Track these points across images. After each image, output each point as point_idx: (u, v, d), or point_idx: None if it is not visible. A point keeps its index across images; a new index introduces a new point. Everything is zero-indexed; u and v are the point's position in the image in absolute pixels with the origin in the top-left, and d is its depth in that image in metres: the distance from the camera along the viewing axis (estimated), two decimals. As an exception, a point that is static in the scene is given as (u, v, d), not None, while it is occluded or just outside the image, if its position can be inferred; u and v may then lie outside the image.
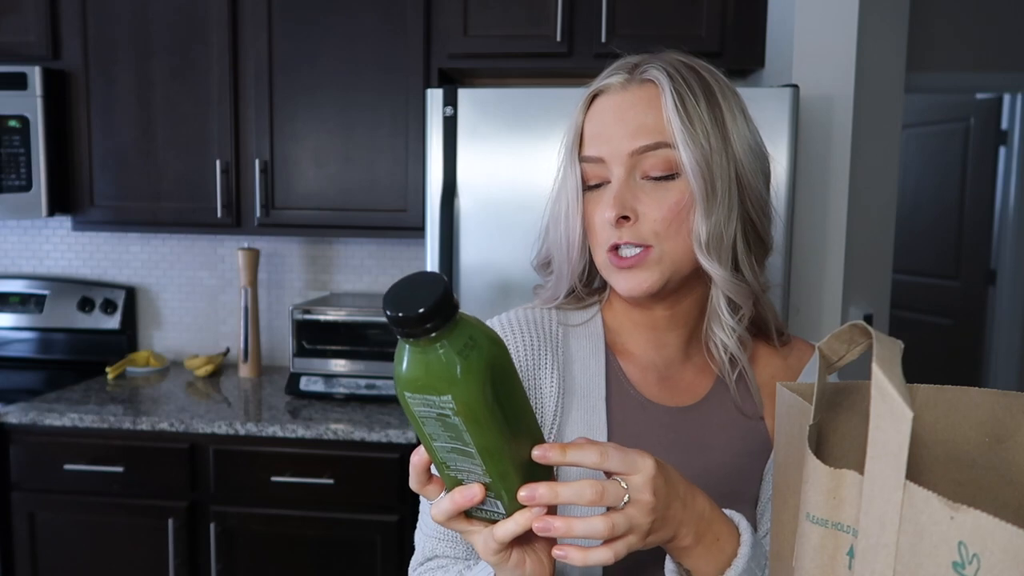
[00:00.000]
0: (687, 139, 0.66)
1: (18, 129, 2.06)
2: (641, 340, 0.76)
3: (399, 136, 2.04)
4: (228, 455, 1.86)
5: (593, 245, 0.73)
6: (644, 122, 0.68)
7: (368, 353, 2.06)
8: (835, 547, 0.42)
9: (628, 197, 0.68)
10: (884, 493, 0.38)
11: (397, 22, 2.01)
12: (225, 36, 2.06)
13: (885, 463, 0.38)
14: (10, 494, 1.93)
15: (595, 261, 0.74)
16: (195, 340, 2.49)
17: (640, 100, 0.69)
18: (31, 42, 2.11)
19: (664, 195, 0.68)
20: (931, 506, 0.36)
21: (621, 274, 0.70)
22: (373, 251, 2.42)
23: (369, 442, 1.82)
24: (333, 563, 1.87)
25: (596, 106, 0.72)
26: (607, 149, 0.69)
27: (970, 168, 3.56)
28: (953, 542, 0.35)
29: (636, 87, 0.70)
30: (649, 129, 0.68)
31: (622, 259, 0.69)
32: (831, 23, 1.69)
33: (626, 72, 0.71)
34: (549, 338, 0.76)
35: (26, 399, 2.00)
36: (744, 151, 0.70)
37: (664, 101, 0.68)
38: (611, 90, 0.71)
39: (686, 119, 0.67)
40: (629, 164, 0.68)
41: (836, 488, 0.42)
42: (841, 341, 0.49)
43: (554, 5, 1.93)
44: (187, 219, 2.14)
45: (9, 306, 2.44)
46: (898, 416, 0.37)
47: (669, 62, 0.71)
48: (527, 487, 0.51)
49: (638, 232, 0.68)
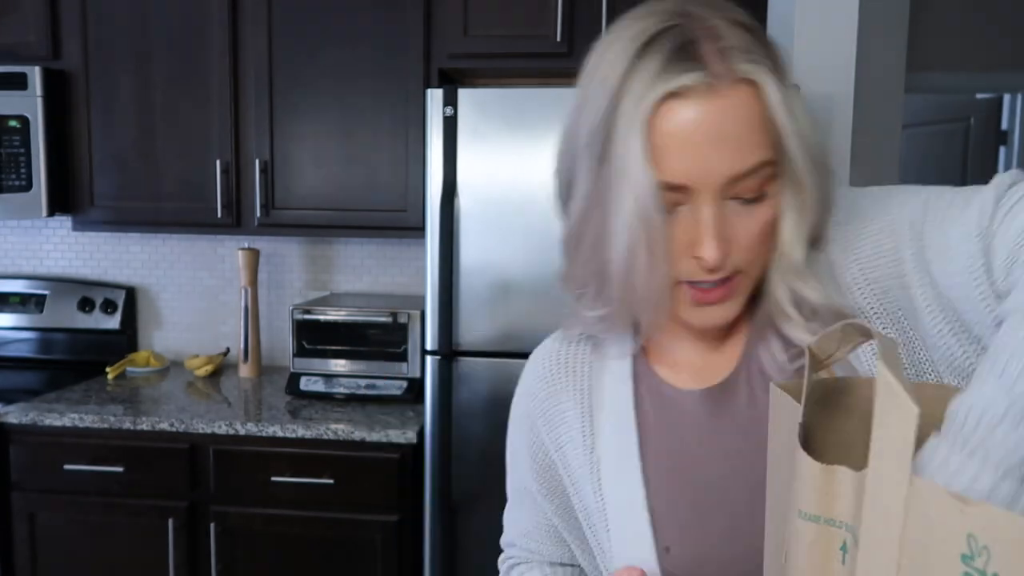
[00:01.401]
0: (801, 154, 0.57)
1: (18, 129, 2.06)
2: (667, 338, 0.71)
3: (399, 136, 2.04)
4: (228, 455, 1.86)
5: (653, 274, 0.61)
6: (744, 138, 0.55)
7: (368, 353, 2.06)
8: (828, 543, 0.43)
9: (726, 229, 0.57)
10: (890, 488, 0.38)
11: (397, 22, 2.01)
12: (225, 36, 2.06)
13: (891, 458, 0.38)
14: (10, 494, 1.93)
15: (644, 289, 0.62)
16: (195, 340, 2.49)
17: (738, 108, 0.55)
18: (31, 42, 2.11)
19: (753, 217, 0.58)
20: (940, 499, 0.36)
21: (701, 310, 0.61)
22: (373, 251, 2.42)
23: (369, 442, 1.82)
24: (333, 563, 1.87)
25: (669, 115, 0.55)
26: (697, 175, 0.55)
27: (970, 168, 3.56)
28: (962, 534, 0.35)
29: (728, 90, 0.55)
30: (752, 145, 0.55)
31: (707, 292, 0.60)
32: (831, 23, 1.69)
33: (701, 65, 0.54)
34: (569, 361, 0.74)
35: (26, 399, 2.00)
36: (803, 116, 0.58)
37: (771, 104, 0.55)
38: (692, 94, 0.55)
39: (792, 120, 0.56)
40: (723, 190, 0.56)
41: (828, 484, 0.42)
42: (832, 340, 0.49)
43: (554, 5, 1.93)
44: (187, 219, 2.14)
45: (9, 306, 2.44)
46: (904, 412, 0.37)
47: (740, 37, 0.56)
48: None
49: (732, 263, 0.59)
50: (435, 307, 1.75)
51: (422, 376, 1.89)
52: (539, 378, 0.76)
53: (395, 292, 2.42)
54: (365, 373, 2.06)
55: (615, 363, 0.72)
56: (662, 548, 0.66)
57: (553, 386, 0.74)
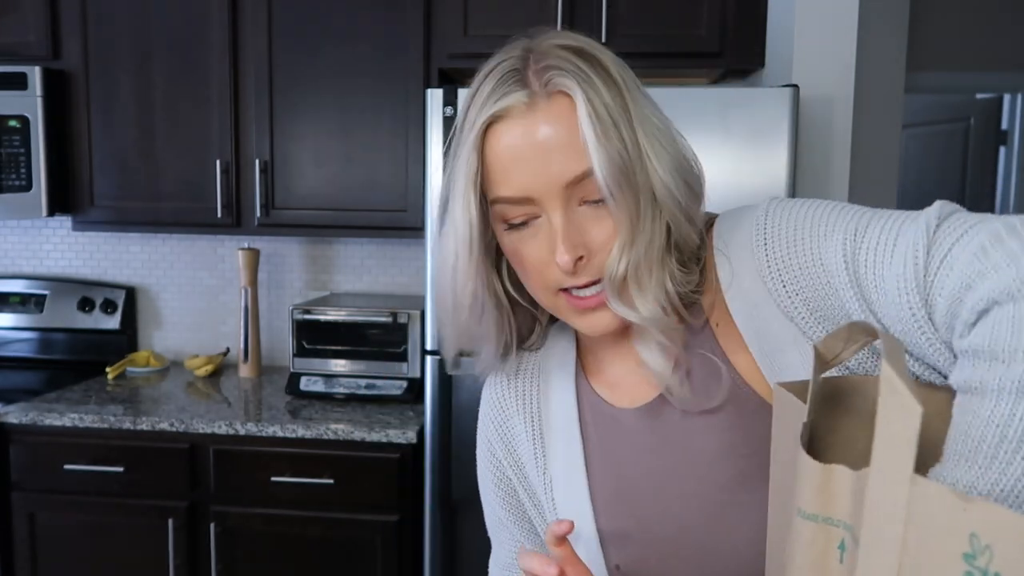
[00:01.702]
0: (604, 161, 0.57)
1: (18, 129, 2.06)
2: (607, 354, 0.72)
3: (399, 136, 2.04)
4: (228, 455, 1.86)
5: (533, 288, 0.65)
6: (569, 144, 0.58)
7: (368, 353, 2.06)
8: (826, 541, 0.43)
9: (576, 234, 0.59)
10: (892, 487, 0.38)
11: (397, 22, 2.01)
12: (225, 36, 2.06)
13: (894, 457, 0.38)
14: (10, 494, 1.93)
15: (540, 302, 0.66)
16: (195, 340, 2.49)
17: (557, 118, 0.58)
18: (31, 42, 2.11)
19: (601, 220, 0.60)
20: (943, 498, 0.36)
21: (584, 316, 0.63)
22: (373, 251, 2.42)
23: (369, 442, 1.82)
24: (333, 563, 1.87)
25: (498, 134, 0.60)
26: (534, 185, 0.59)
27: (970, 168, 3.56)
28: (965, 533, 0.35)
29: (544, 103, 0.59)
30: (577, 154, 0.58)
31: (581, 300, 0.62)
32: (831, 23, 1.69)
33: (522, 86, 0.59)
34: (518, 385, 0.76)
35: (26, 399, 2.00)
36: (653, 145, 0.60)
37: (579, 118, 0.58)
38: (514, 112, 0.59)
39: (601, 132, 0.57)
40: (565, 196, 0.59)
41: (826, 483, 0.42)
42: (838, 339, 0.49)
43: (554, 5, 1.93)
44: (187, 219, 2.14)
45: (9, 306, 2.44)
46: (908, 411, 0.37)
47: (562, 57, 0.59)
48: None
49: (596, 267, 0.60)
50: (435, 307, 1.75)
51: (422, 376, 1.89)
52: (492, 404, 0.78)
53: (395, 292, 2.42)
54: (365, 373, 2.06)
55: (559, 384, 0.73)
56: (613, 566, 0.68)
57: (505, 411, 0.77)
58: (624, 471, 0.69)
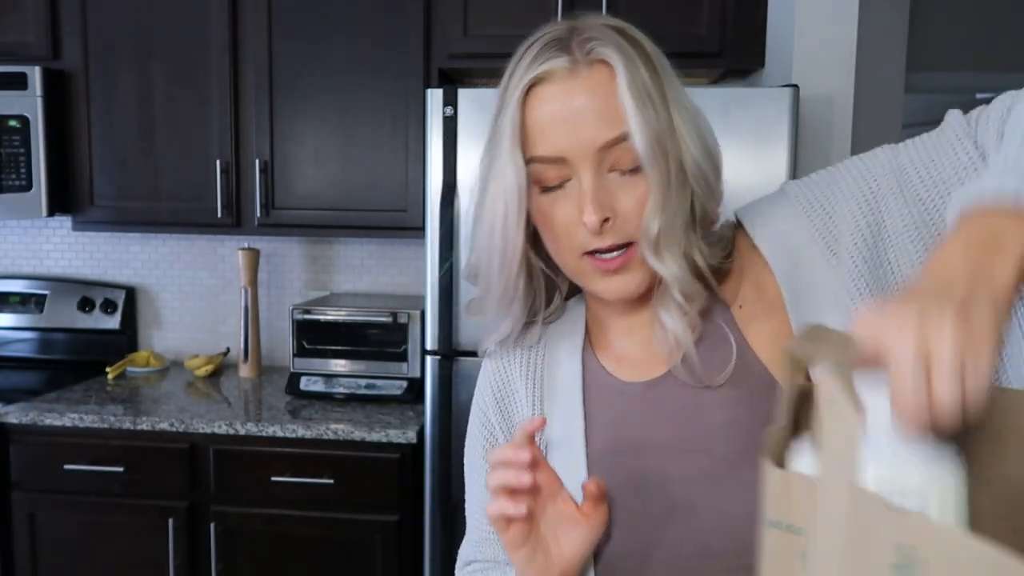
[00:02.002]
0: (643, 127, 0.61)
1: (18, 129, 2.06)
2: (616, 328, 0.73)
3: (399, 136, 2.04)
4: (228, 455, 1.86)
5: (559, 251, 0.67)
6: (606, 109, 0.61)
7: (368, 353, 2.06)
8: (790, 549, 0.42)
9: (604, 196, 0.62)
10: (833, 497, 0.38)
11: (397, 22, 2.01)
12: (225, 36, 2.06)
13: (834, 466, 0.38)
14: (10, 494, 1.93)
15: (564, 268, 0.69)
16: (195, 340, 2.49)
17: (595, 85, 0.62)
18: (31, 42, 2.11)
19: (633, 189, 0.63)
20: (877, 510, 0.36)
21: (607, 279, 0.65)
22: (373, 251, 2.42)
23: (369, 442, 1.82)
24: (333, 563, 1.87)
25: (540, 96, 0.63)
26: (568, 146, 0.62)
27: (970, 168, 3.55)
28: (892, 544, 0.35)
29: (586, 70, 0.62)
30: (613, 117, 0.61)
31: (606, 261, 0.64)
32: (831, 23, 1.69)
33: (565, 53, 0.62)
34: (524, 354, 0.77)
35: (26, 399, 2.00)
36: (688, 123, 0.64)
37: (619, 82, 0.61)
38: (556, 77, 0.62)
39: (639, 102, 0.61)
40: (596, 160, 0.62)
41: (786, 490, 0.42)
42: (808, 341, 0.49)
43: (554, 5, 1.93)
44: (187, 219, 2.14)
45: (9, 306, 2.44)
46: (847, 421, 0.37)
47: (608, 35, 0.63)
48: None
49: (622, 231, 0.63)
50: (435, 307, 1.75)
51: (422, 376, 1.89)
52: (494, 372, 0.79)
53: (395, 292, 2.42)
54: (365, 373, 2.06)
55: (566, 355, 0.75)
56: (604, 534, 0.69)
57: (508, 377, 0.78)
58: (624, 441, 0.70)
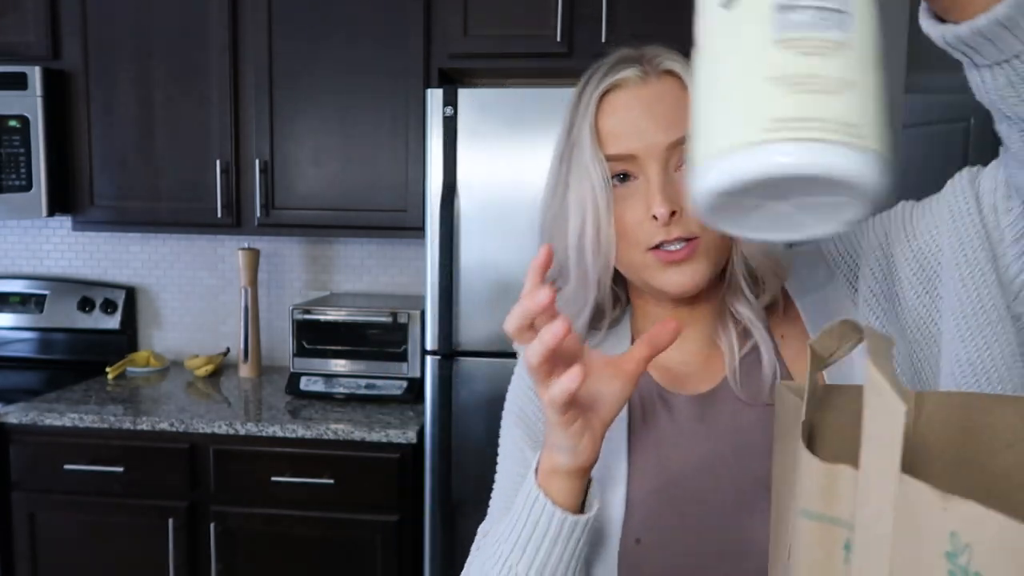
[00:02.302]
0: None
1: (18, 129, 2.06)
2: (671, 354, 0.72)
3: (399, 136, 2.04)
4: (228, 455, 1.86)
5: (626, 247, 0.69)
6: (675, 113, 0.66)
7: (368, 353, 2.06)
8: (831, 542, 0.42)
9: (672, 191, 0.66)
10: (879, 486, 0.38)
11: (397, 22, 2.01)
12: (225, 36, 2.06)
13: (879, 456, 0.38)
14: (10, 494, 1.93)
15: (628, 266, 0.70)
16: (195, 340, 2.49)
17: (665, 92, 0.68)
18: (31, 42, 2.11)
19: None
20: (924, 497, 0.36)
21: (671, 270, 0.67)
22: (373, 251, 2.42)
23: (369, 442, 1.82)
24: (333, 563, 1.87)
25: (613, 102, 0.69)
26: (639, 145, 0.67)
27: (970, 168, 3.55)
28: (945, 532, 0.35)
29: (656, 80, 0.68)
30: (681, 120, 0.64)
31: (672, 253, 0.66)
32: (831, 23, 1.69)
33: (637, 65, 0.69)
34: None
35: (26, 399, 2.00)
36: None
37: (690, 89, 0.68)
38: (629, 84, 0.68)
39: None
40: (664, 158, 0.66)
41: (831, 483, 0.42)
42: (832, 337, 0.50)
43: (554, 5, 1.93)
44: (187, 219, 2.14)
45: (9, 306, 2.44)
46: (892, 409, 0.37)
47: (674, 53, 0.70)
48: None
49: (687, 225, 0.66)
50: (435, 307, 1.76)
51: (422, 376, 1.89)
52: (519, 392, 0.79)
53: (395, 292, 2.42)
54: (365, 373, 2.06)
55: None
56: (633, 539, 0.69)
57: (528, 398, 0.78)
58: (665, 451, 0.71)
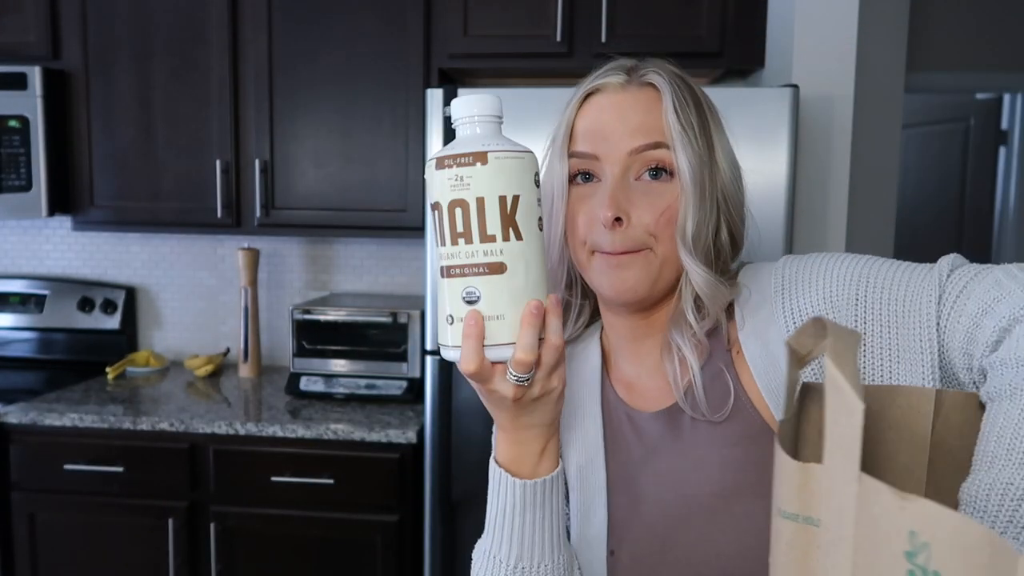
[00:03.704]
0: (685, 143, 0.67)
1: (18, 129, 2.06)
2: (625, 353, 0.76)
3: (399, 136, 2.04)
4: (228, 455, 1.86)
5: (575, 243, 0.71)
6: (644, 122, 0.68)
7: (368, 353, 2.06)
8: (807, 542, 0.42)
9: (622, 198, 0.67)
10: (841, 486, 0.38)
11: (397, 22, 2.01)
12: (225, 36, 2.06)
13: (841, 456, 0.38)
14: (10, 494, 1.93)
15: (575, 260, 0.72)
16: (195, 340, 2.49)
17: (640, 101, 0.69)
18: (31, 42, 2.11)
19: (657, 197, 0.67)
20: (883, 497, 0.36)
21: (609, 273, 0.68)
22: (373, 251, 2.42)
23: (369, 442, 1.82)
24: (333, 563, 1.87)
25: (592, 103, 0.71)
26: (604, 147, 0.68)
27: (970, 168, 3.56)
28: (904, 531, 0.35)
29: (636, 88, 0.70)
30: (648, 129, 0.67)
31: (609, 256, 0.68)
32: (831, 23, 1.69)
33: (624, 73, 0.71)
34: None
35: (26, 399, 2.00)
36: (726, 160, 0.71)
37: (664, 105, 0.68)
38: (609, 89, 0.71)
39: (683, 124, 0.67)
40: (625, 164, 0.68)
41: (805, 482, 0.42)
42: (807, 335, 0.50)
43: (554, 5, 1.93)
44: (187, 219, 2.14)
45: (9, 306, 2.44)
46: (851, 409, 0.37)
47: (665, 69, 0.71)
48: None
49: (631, 236, 0.67)
50: (435, 307, 1.75)
51: (422, 376, 1.89)
52: None
53: (395, 292, 2.42)
54: (365, 373, 2.06)
55: (586, 373, 0.79)
56: (608, 551, 0.73)
57: None
58: (633, 468, 0.73)
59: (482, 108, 0.60)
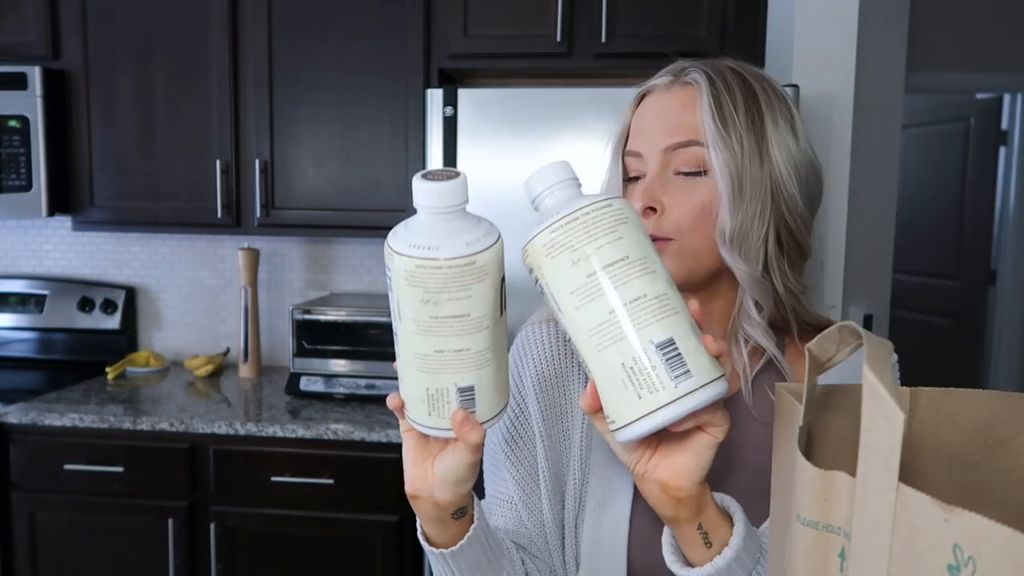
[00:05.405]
0: (718, 141, 0.69)
1: (18, 129, 2.06)
2: None
3: (399, 136, 2.04)
4: (228, 455, 1.86)
5: None
6: (680, 121, 0.71)
7: (368, 353, 2.06)
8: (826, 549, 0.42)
9: (657, 190, 0.71)
10: (877, 495, 0.37)
11: (397, 22, 2.01)
12: (225, 36, 2.06)
13: (877, 465, 0.37)
14: (10, 494, 1.93)
15: None
16: (195, 340, 2.49)
17: (679, 100, 0.73)
18: (31, 42, 2.11)
19: (691, 191, 0.70)
20: (925, 508, 0.35)
21: None
22: (373, 251, 2.41)
23: (369, 442, 1.82)
24: (333, 563, 1.87)
25: (643, 105, 0.76)
26: (645, 145, 0.73)
27: (970, 168, 3.56)
28: (948, 545, 0.34)
29: (678, 88, 0.74)
30: (683, 128, 0.71)
31: None
32: (831, 23, 1.69)
33: (672, 75, 0.75)
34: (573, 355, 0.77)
35: (26, 399, 2.00)
36: (783, 158, 0.71)
37: (700, 103, 0.71)
38: (656, 90, 0.76)
39: (719, 121, 0.69)
40: (663, 160, 0.72)
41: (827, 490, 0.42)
42: (831, 342, 0.49)
43: (554, 5, 1.93)
44: (187, 219, 2.14)
45: (9, 306, 2.44)
46: (890, 418, 0.37)
47: (715, 67, 0.74)
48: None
49: (660, 224, 0.70)
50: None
51: (422, 376, 1.88)
52: (549, 346, 0.79)
53: (395, 292, 2.41)
54: (365, 373, 2.06)
55: None
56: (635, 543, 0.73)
57: (562, 363, 0.78)
58: None
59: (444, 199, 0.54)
